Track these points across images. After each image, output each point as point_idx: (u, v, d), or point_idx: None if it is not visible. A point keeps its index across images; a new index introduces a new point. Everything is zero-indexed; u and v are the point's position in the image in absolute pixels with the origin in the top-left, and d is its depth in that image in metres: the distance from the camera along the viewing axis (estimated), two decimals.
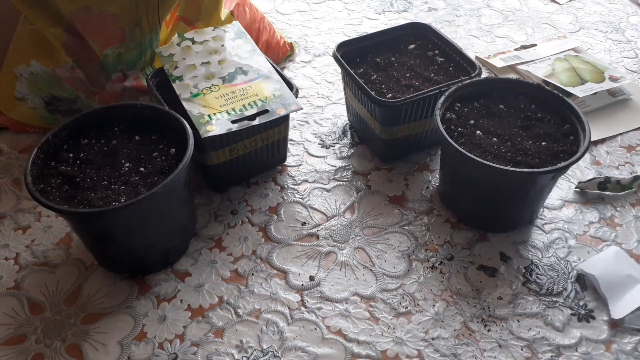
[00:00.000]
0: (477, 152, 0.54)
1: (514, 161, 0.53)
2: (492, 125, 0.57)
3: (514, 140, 0.56)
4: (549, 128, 0.57)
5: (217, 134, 0.54)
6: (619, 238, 0.59)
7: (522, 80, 0.60)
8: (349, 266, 0.56)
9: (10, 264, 0.56)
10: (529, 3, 0.98)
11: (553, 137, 0.56)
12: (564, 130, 0.56)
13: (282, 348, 0.49)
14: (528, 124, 0.57)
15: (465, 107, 0.59)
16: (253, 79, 0.61)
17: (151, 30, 0.65)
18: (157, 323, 0.51)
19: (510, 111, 0.59)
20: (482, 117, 0.58)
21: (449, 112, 0.58)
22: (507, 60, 0.82)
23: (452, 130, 0.57)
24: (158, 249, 0.54)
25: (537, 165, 0.53)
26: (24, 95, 0.66)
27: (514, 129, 0.57)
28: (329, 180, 0.65)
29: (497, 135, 0.56)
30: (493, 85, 0.61)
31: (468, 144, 0.55)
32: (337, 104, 0.76)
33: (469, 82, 0.60)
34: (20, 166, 0.67)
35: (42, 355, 0.49)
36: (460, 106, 0.59)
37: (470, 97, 0.60)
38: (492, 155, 0.54)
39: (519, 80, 0.61)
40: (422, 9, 0.96)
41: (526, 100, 0.60)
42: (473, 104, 0.59)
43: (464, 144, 0.55)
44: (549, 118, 0.58)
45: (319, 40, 0.88)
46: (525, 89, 0.60)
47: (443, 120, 0.57)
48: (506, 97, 0.60)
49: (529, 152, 0.54)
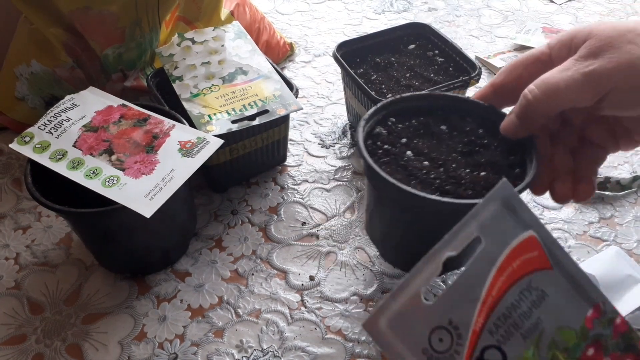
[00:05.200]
0: (399, 174, 0.46)
1: (441, 189, 0.44)
2: (427, 147, 0.48)
3: (448, 167, 0.47)
4: (493, 157, 0.47)
5: (217, 134, 0.54)
6: (618, 238, 0.59)
7: (472, 100, 0.50)
8: (349, 266, 0.56)
9: (10, 264, 0.56)
10: (529, 3, 0.98)
11: (496, 167, 0.46)
12: (511, 161, 0.47)
13: (282, 348, 0.49)
14: (470, 150, 0.48)
15: (400, 123, 0.51)
16: (253, 79, 0.61)
17: (151, 30, 0.65)
18: (157, 323, 0.51)
19: (452, 133, 0.49)
20: (417, 137, 0.50)
21: (380, 126, 0.50)
22: (507, 60, 0.82)
23: (378, 146, 0.48)
24: (158, 248, 0.54)
25: (469, 197, 0.44)
26: (24, 95, 0.66)
27: (452, 154, 0.48)
28: (329, 180, 0.65)
29: (430, 159, 0.47)
30: (438, 101, 0.52)
31: (392, 164, 0.47)
32: (337, 104, 0.76)
33: (409, 96, 0.51)
34: (20, 166, 0.67)
35: (42, 355, 0.49)
36: (395, 121, 0.51)
37: (410, 112, 0.51)
38: (418, 180, 0.45)
39: (469, 100, 0.51)
40: (422, 9, 0.96)
41: (474, 122, 0.50)
42: (410, 121, 0.51)
43: (387, 163, 0.47)
44: (496, 145, 0.48)
45: (319, 40, 0.88)
46: (475, 110, 0.50)
47: (370, 135, 0.49)
48: (452, 116, 0.51)
49: (462, 182, 0.45)
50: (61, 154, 0.49)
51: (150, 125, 0.52)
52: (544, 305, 0.28)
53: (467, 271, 0.27)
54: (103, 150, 0.50)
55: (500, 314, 0.27)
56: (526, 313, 0.27)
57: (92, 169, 0.48)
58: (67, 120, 0.52)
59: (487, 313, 0.26)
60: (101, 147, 0.50)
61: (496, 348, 0.26)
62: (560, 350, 0.27)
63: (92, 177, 0.47)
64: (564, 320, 0.28)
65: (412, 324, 0.25)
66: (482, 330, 0.26)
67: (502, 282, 0.27)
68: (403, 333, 0.25)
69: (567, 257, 0.29)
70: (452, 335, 0.25)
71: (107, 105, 0.54)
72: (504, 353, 0.26)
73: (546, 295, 0.28)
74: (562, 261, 0.29)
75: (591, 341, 0.28)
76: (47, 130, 0.51)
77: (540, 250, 0.29)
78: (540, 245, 0.29)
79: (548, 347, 0.27)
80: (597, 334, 0.28)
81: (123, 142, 0.51)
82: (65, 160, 0.49)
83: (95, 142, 0.50)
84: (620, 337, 0.29)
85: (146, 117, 0.53)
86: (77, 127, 0.52)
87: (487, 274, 0.27)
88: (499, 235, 0.28)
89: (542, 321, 0.27)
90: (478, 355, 0.25)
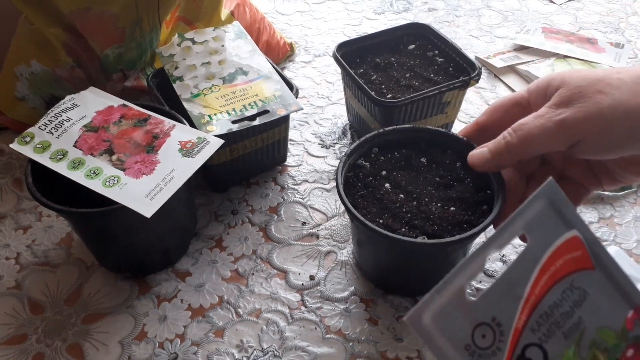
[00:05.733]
0: (374, 207, 0.48)
1: (410, 224, 0.47)
2: (405, 179, 0.51)
3: (421, 200, 0.49)
4: (464, 192, 0.49)
5: (218, 134, 0.54)
6: (618, 238, 0.59)
7: (453, 134, 0.53)
8: (349, 265, 0.56)
9: (11, 263, 0.56)
10: (529, 3, 0.98)
11: (465, 203, 0.48)
12: (480, 197, 0.49)
13: (282, 348, 0.49)
14: (446, 183, 0.50)
15: (382, 155, 0.53)
16: (253, 80, 0.61)
17: (151, 30, 0.65)
18: (158, 323, 0.51)
19: (432, 166, 0.52)
20: (398, 169, 0.52)
21: (363, 159, 0.52)
22: (507, 60, 0.82)
23: (359, 179, 0.51)
24: (159, 248, 0.54)
25: (434, 232, 0.46)
26: (25, 95, 0.66)
27: (427, 187, 0.50)
28: (329, 180, 0.65)
29: (405, 192, 0.49)
30: (421, 134, 0.54)
31: (368, 197, 0.49)
32: (337, 104, 0.76)
33: (392, 129, 0.53)
34: (20, 166, 0.67)
35: (42, 355, 0.49)
36: (378, 153, 0.53)
37: (393, 144, 0.54)
38: (390, 214, 0.48)
39: (449, 134, 0.53)
40: (422, 9, 0.96)
41: (454, 155, 0.52)
42: (393, 153, 0.53)
43: (364, 197, 0.49)
44: (469, 180, 0.50)
45: (319, 40, 0.88)
46: (455, 144, 0.52)
47: (353, 166, 0.52)
48: (433, 149, 0.53)
49: (431, 216, 0.47)
50: (62, 154, 0.49)
51: (151, 125, 0.53)
52: (585, 305, 0.28)
53: (511, 269, 0.27)
54: (103, 150, 0.50)
55: (543, 312, 0.27)
56: (568, 312, 0.27)
57: (92, 169, 0.48)
58: (67, 120, 0.52)
59: (530, 311, 0.27)
60: (102, 147, 0.50)
61: (538, 346, 0.26)
62: (600, 350, 0.28)
63: (93, 177, 0.48)
64: (604, 321, 0.28)
65: (456, 320, 0.25)
66: (524, 328, 0.26)
67: (545, 281, 0.27)
68: (446, 328, 0.25)
69: (610, 259, 0.29)
70: (495, 332, 0.25)
71: (107, 105, 0.54)
72: (545, 351, 0.26)
73: (588, 295, 0.28)
74: (605, 262, 0.29)
75: (631, 342, 0.28)
76: (47, 130, 0.51)
77: (584, 250, 0.29)
78: (584, 245, 0.29)
79: (589, 346, 0.27)
80: (637, 335, 0.29)
81: (123, 142, 0.51)
82: (66, 160, 0.49)
83: (95, 142, 0.51)
84: None
85: (146, 117, 0.53)
86: (78, 127, 0.52)
87: (531, 272, 0.27)
88: (544, 234, 0.28)
89: (584, 321, 0.28)
90: (520, 353, 0.25)
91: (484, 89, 0.79)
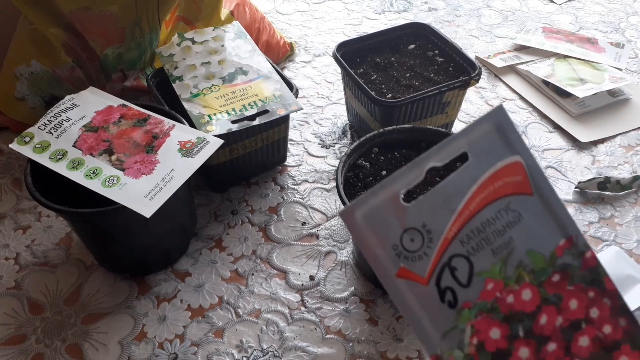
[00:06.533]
0: None
1: None
2: None
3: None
4: None
5: (217, 134, 0.54)
6: (618, 238, 0.59)
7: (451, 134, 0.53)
8: (349, 266, 0.56)
9: (10, 264, 0.56)
10: (529, 3, 0.98)
11: None
12: None
13: (282, 348, 0.49)
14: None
15: (382, 155, 0.53)
16: (253, 79, 0.61)
17: (151, 30, 0.65)
18: (157, 323, 0.51)
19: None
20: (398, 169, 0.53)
21: (363, 159, 0.53)
22: (507, 60, 0.82)
23: (359, 179, 0.51)
24: (158, 249, 0.54)
25: None
26: (24, 95, 0.66)
27: (427, 187, 0.50)
28: (329, 180, 0.65)
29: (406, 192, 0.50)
30: (420, 134, 0.54)
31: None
32: (337, 104, 0.76)
33: (392, 129, 0.54)
34: (20, 166, 0.67)
35: (42, 355, 0.49)
36: (378, 153, 0.53)
37: (393, 144, 0.54)
38: None
39: (449, 133, 0.53)
40: (422, 9, 0.96)
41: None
42: (393, 153, 0.54)
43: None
44: None
45: (319, 40, 0.88)
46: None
47: (353, 166, 0.52)
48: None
49: None
50: (61, 154, 0.49)
51: (150, 125, 0.52)
52: (519, 227, 0.29)
53: (448, 182, 0.28)
54: (103, 150, 0.50)
55: (475, 227, 0.28)
56: (500, 231, 0.28)
57: (92, 169, 0.48)
58: (67, 120, 0.52)
59: (462, 224, 0.27)
60: (101, 147, 0.50)
61: (465, 257, 0.27)
62: (526, 272, 0.28)
63: (92, 177, 0.47)
64: (535, 245, 0.29)
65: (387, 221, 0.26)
66: (454, 239, 0.27)
67: (481, 199, 0.28)
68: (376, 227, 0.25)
69: (550, 188, 0.30)
70: (424, 238, 0.26)
71: (107, 105, 0.54)
72: (472, 263, 0.27)
73: (522, 218, 0.29)
74: (544, 190, 0.29)
75: (558, 269, 0.29)
76: (47, 130, 0.51)
77: (524, 176, 0.29)
78: (525, 171, 0.29)
79: (515, 266, 0.28)
80: (565, 263, 0.29)
81: (123, 142, 0.51)
82: (65, 160, 0.49)
83: (95, 142, 0.50)
84: (588, 270, 0.29)
85: (146, 117, 0.53)
86: (77, 127, 0.52)
87: (468, 188, 0.28)
88: (486, 155, 0.29)
89: (514, 241, 0.28)
90: (446, 261, 0.26)
91: (484, 89, 0.79)
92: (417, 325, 0.26)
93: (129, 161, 0.49)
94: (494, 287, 0.27)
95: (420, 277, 0.26)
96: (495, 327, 0.27)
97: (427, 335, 0.26)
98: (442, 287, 0.26)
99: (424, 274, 0.26)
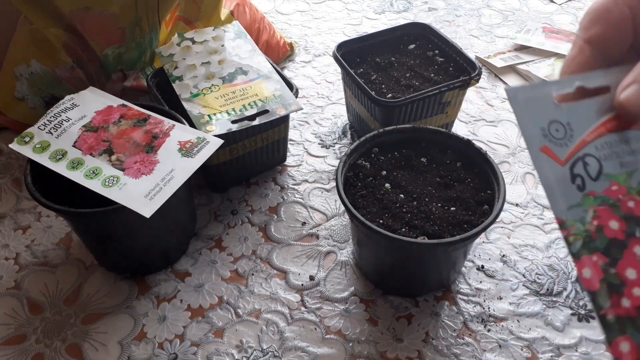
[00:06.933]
0: (375, 207, 0.48)
1: (410, 224, 0.47)
2: (405, 179, 0.51)
3: (421, 200, 0.49)
4: (465, 192, 0.49)
5: (217, 134, 0.54)
6: None
7: (452, 134, 0.53)
8: (349, 266, 0.56)
9: (10, 264, 0.56)
10: (529, 3, 0.98)
11: (465, 203, 0.49)
12: (480, 198, 0.49)
13: (282, 348, 0.49)
14: (446, 184, 0.50)
15: (382, 155, 0.53)
16: (253, 79, 0.61)
17: (151, 30, 0.65)
18: (157, 323, 0.51)
19: (432, 166, 0.52)
20: (398, 169, 0.52)
21: (363, 158, 0.53)
22: (507, 60, 0.82)
23: (360, 178, 0.51)
24: (158, 249, 0.54)
25: (434, 232, 0.46)
26: (24, 95, 0.66)
27: (427, 187, 0.50)
28: (329, 180, 0.65)
29: (406, 192, 0.50)
30: (421, 134, 0.54)
31: (369, 197, 0.49)
32: (337, 104, 0.76)
33: (392, 129, 0.53)
34: (20, 166, 0.67)
35: (42, 355, 0.49)
36: (378, 153, 0.53)
37: (393, 144, 0.54)
38: (391, 214, 0.48)
39: (449, 133, 0.53)
40: (422, 9, 0.96)
41: (454, 155, 0.53)
42: (393, 153, 0.53)
43: (364, 196, 0.49)
44: (469, 180, 0.51)
45: (319, 40, 0.88)
46: (455, 144, 0.53)
47: (353, 166, 0.52)
48: (433, 149, 0.53)
49: (431, 217, 0.47)
50: (61, 154, 0.49)
51: (150, 125, 0.52)
52: None
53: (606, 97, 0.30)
54: (103, 150, 0.50)
55: (611, 140, 0.30)
56: (631, 152, 0.30)
57: (92, 169, 0.48)
58: (67, 120, 0.52)
59: (601, 133, 0.30)
60: (101, 147, 0.50)
61: (596, 159, 0.30)
62: None
63: (92, 177, 0.47)
64: None
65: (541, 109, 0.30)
66: (590, 143, 0.30)
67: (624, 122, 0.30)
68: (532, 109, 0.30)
69: None
70: (567, 133, 0.30)
71: (107, 105, 0.54)
72: (601, 165, 0.30)
73: None
74: None
75: None
76: (47, 130, 0.51)
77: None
78: None
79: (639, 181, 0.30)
80: None
81: (123, 142, 0.51)
82: (65, 160, 0.49)
83: (95, 142, 0.50)
84: None
85: (146, 117, 0.53)
86: (77, 127, 0.52)
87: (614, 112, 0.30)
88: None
89: None
90: (581, 155, 0.30)
91: (484, 89, 0.79)
92: (550, 190, 0.29)
93: (129, 161, 0.49)
94: (617, 190, 0.30)
95: (559, 158, 0.30)
96: (614, 220, 0.29)
97: (557, 201, 0.29)
98: (574, 172, 0.30)
99: (562, 157, 0.30)
